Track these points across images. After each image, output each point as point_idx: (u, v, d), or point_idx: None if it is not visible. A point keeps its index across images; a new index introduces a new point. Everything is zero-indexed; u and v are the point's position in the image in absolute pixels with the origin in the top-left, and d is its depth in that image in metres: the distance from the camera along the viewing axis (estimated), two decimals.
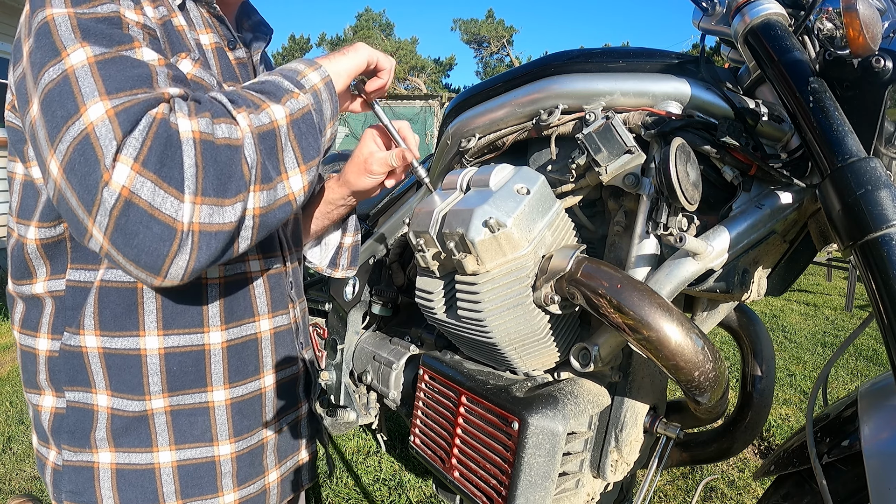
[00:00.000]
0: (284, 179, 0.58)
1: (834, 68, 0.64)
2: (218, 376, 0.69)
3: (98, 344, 0.65)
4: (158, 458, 0.67)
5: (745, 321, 0.99)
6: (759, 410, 0.95)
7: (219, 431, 0.69)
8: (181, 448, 0.68)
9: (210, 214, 0.52)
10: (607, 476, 0.79)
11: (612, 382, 0.80)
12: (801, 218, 0.75)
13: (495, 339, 0.72)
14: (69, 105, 0.50)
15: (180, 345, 0.66)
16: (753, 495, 1.79)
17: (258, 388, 0.73)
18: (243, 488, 0.72)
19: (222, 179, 0.52)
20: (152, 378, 0.65)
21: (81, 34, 0.53)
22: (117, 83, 0.52)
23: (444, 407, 0.84)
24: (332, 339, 1.42)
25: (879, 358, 3.18)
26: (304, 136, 0.61)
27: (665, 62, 0.79)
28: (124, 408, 0.66)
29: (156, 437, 0.67)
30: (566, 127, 0.84)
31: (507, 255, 0.67)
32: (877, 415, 0.68)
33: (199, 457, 0.69)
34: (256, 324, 0.73)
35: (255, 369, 0.73)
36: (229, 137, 0.54)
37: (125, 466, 0.66)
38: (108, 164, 0.48)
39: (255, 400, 0.73)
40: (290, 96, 0.61)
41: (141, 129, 0.50)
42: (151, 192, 0.49)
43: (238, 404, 0.71)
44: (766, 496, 0.83)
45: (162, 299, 0.65)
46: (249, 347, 0.72)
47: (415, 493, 1.80)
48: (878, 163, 0.55)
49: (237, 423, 0.71)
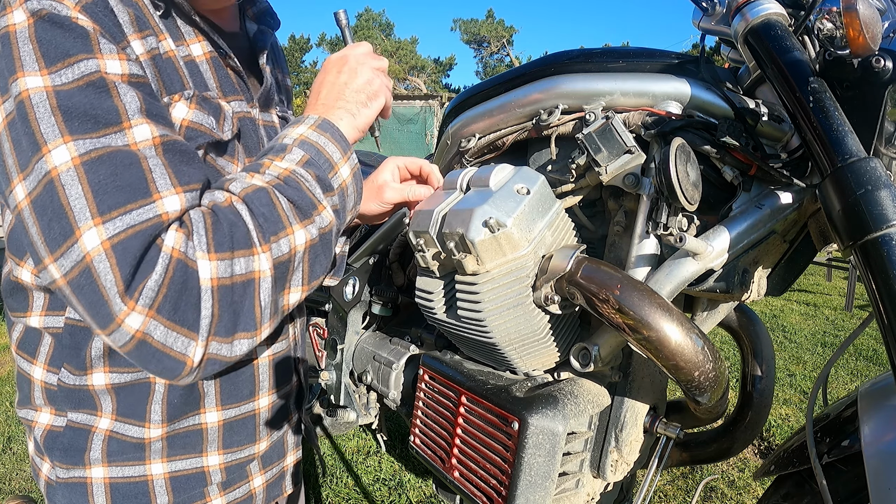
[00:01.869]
0: (285, 295, 0.57)
1: (834, 68, 0.64)
2: (210, 399, 0.69)
3: (107, 381, 0.64)
4: (151, 470, 0.66)
5: (745, 321, 0.99)
6: (759, 410, 0.94)
7: (209, 446, 0.70)
8: (172, 460, 0.67)
9: (219, 349, 0.52)
10: (607, 476, 0.79)
11: (612, 382, 0.80)
12: (801, 218, 0.75)
13: (495, 339, 0.72)
14: (63, 223, 0.46)
15: None
16: (753, 495, 1.79)
17: (252, 410, 0.73)
18: (229, 492, 0.72)
19: (235, 319, 0.52)
20: (154, 407, 0.65)
21: (63, 118, 0.47)
22: (109, 198, 0.47)
23: (444, 407, 0.84)
24: (332, 339, 1.42)
25: (879, 358, 3.17)
26: (318, 259, 0.58)
27: (665, 62, 0.79)
28: (125, 432, 0.65)
29: (149, 454, 0.66)
30: (566, 127, 0.84)
31: (507, 255, 0.67)
32: (877, 415, 0.68)
33: (189, 468, 0.69)
34: (254, 355, 0.73)
35: (251, 393, 0.73)
36: (246, 273, 0.52)
37: (119, 480, 0.66)
38: (118, 308, 0.46)
39: (248, 420, 0.73)
40: (317, 212, 0.57)
41: (158, 273, 0.47)
42: (164, 334, 0.48)
43: (230, 424, 0.71)
44: (766, 496, 0.83)
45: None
46: (245, 373, 0.72)
47: (415, 493, 1.80)
48: (878, 163, 0.55)
49: (227, 438, 0.71)
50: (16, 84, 0.48)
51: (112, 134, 0.49)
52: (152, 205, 0.49)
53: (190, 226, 0.50)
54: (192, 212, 0.52)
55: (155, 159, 0.51)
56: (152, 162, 0.50)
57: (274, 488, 0.79)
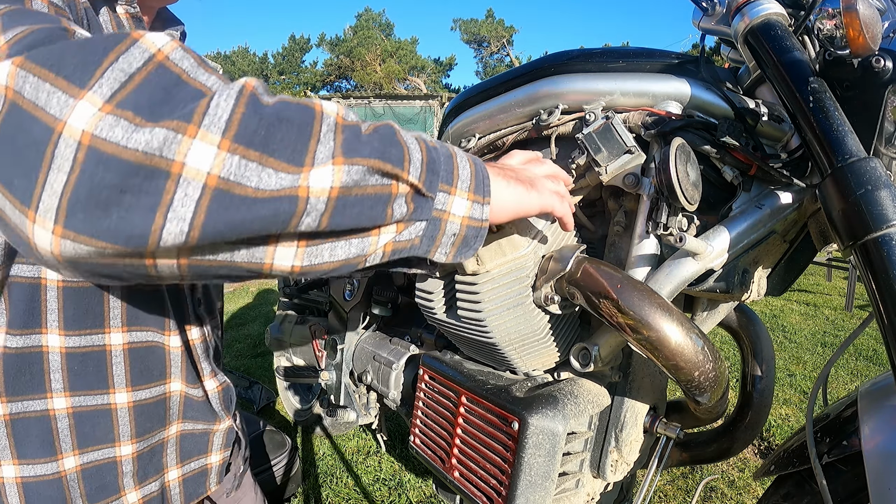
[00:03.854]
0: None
1: (834, 68, 0.64)
2: (120, 378, 0.66)
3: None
4: (64, 465, 0.63)
5: (745, 321, 0.99)
6: (759, 410, 0.95)
7: (121, 433, 0.67)
8: (85, 452, 0.64)
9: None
10: (607, 476, 0.79)
11: (612, 382, 0.80)
12: (801, 218, 0.75)
13: (495, 339, 0.72)
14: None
15: (81, 345, 0.62)
16: (753, 495, 1.79)
17: (162, 393, 0.70)
18: (145, 486, 0.70)
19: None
20: (54, 375, 0.62)
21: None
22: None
23: (444, 407, 0.84)
24: (332, 339, 1.42)
25: (879, 358, 3.17)
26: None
27: (665, 62, 0.79)
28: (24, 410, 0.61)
29: (59, 445, 0.63)
30: (566, 127, 0.84)
31: (508, 255, 0.67)
32: (877, 415, 0.68)
33: (101, 458, 0.66)
34: (164, 335, 0.69)
35: (162, 374, 0.69)
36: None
37: (30, 479, 0.62)
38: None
39: (158, 404, 0.69)
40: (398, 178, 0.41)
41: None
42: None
43: (140, 407, 0.68)
44: (766, 496, 0.83)
45: (64, 298, 0.61)
46: (156, 353, 0.68)
47: (415, 493, 1.80)
48: (878, 163, 0.55)
49: (140, 424, 0.68)
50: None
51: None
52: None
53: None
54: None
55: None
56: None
57: (192, 485, 0.74)
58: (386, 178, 0.40)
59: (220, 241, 0.35)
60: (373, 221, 0.40)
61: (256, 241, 0.37)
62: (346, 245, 0.41)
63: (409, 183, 0.42)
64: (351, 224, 0.39)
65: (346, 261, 0.42)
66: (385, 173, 0.40)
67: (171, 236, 0.33)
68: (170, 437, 0.72)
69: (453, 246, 0.48)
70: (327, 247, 0.40)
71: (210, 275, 0.39)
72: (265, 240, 0.37)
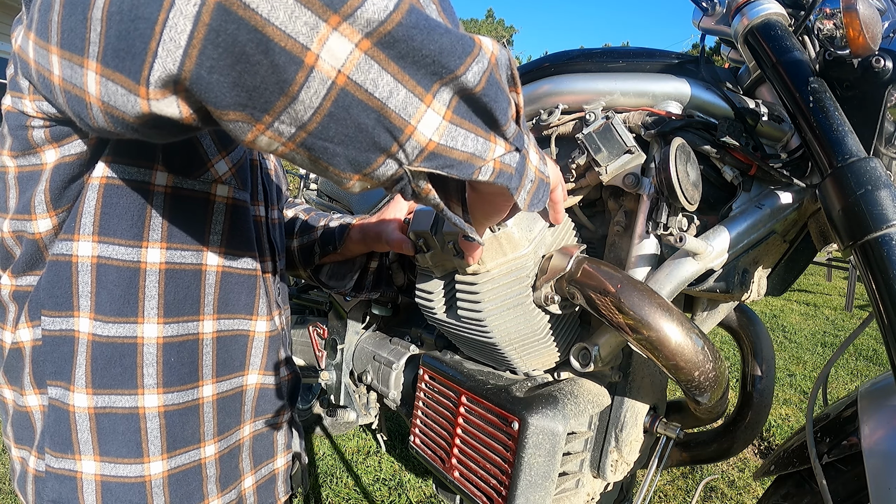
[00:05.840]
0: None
1: (834, 68, 0.64)
2: (208, 369, 0.64)
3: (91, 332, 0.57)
4: (150, 469, 0.62)
5: (745, 321, 0.99)
6: (759, 410, 0.95)
7: (206, 430, 0.65)
8: (173, 455, 0.62)
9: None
10: (607, 476, 0.79)
11: (612, 382, 0.80)
12: (801, 218, 0.75)
13: (495, 339, 0.72)
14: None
15: (178, 333, 0.61)
16: (753, 495, 1.79)
17: (240, 386, 0.70)
18: (226, 493, 0.70)
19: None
20: (147, 370, 0.60)
21: None
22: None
23: (444, 407, 0.84)
24: (332, 339, 1.42)
25: (879, 358, 3.18)
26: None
27: (665, 62, 0.79)
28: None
29: (147, 447, 0.61)
30: (566, 127, 0.84)
31: (508, 254, 0.67)
32: (877, 415, 0.68)
33: (188, 462, 0.64)
34: (251, 322, 0.69)
35: (241, 365, 0.69)
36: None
37: (111, 479, 0.60)
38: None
39: (235, 397, 0.69)
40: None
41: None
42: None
43: (222, 400, 0.66)
44: (766, 496, 0.83)
45: (166, 282, 0.59)
46: (238, 342, 0.67)
47: (415, 493, 1.80)
48: (878, 163, 0.55)
49: (221, 420, 0.66)
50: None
51: None
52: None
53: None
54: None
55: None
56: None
57: (264, 493, 0.74)
58: (509, 90, 0.40)
59: (399, 52, 0.32)
60: (504, 114, 0.39)
61: (422, 71, 0.34)
62: (474, 139, 0.38)
63: (517, 105, 0.42)
64: (492, 102, 0.37)
65: (470, 156, 0.39)
66: (508, 88, 0.40)
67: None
68: (244, 440, 0.71)
69: (529, 193, 0.47)
70: (462, 133, 0.37)
71: (351, 121, 0.34)
72: (430, 78, 0.34)
